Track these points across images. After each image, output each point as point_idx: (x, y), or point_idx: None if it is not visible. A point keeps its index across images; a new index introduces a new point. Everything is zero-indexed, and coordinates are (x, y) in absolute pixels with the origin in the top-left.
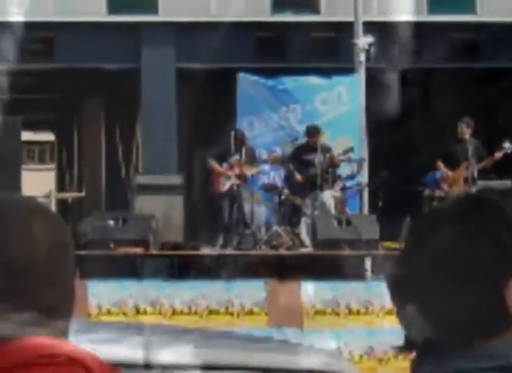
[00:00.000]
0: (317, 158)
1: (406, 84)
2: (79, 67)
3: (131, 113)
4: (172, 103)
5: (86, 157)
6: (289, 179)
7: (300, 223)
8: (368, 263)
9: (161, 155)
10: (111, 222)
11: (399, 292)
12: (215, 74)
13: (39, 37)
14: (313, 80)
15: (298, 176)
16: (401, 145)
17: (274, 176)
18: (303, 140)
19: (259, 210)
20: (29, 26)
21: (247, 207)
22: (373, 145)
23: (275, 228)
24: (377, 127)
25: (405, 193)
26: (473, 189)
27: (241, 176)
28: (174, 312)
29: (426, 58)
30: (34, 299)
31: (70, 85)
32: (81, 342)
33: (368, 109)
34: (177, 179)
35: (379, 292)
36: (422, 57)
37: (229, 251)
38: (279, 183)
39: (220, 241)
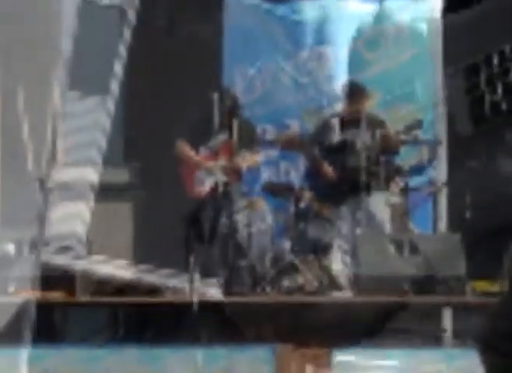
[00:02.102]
0: (361, 138)
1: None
2: None
3: (44, 66)
4: (113, 45)
5: None
6: (312, 175)
7: (332, 249)
8: (448, 318)
9: None
10: (10, 247)
11: (502, 363)
12: None
13: None
14: (353, 7)
15: (328, 169)
16: (501, 118)
17: (286, 168)
18: (336, 108)
19: (262, 227)
20: None
21: (241, 222)
22: (454, 118)
23: (289, 257)
24: (463, 88)
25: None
26: None
27: (231, 169)
28: None
29: None
30: None
31: None
32: None
33: (447, 57)
34: (122, 175)
35: (464, 366)
36: None
37: (211, 296)
38: (296, 180)
39: (196, 279)
